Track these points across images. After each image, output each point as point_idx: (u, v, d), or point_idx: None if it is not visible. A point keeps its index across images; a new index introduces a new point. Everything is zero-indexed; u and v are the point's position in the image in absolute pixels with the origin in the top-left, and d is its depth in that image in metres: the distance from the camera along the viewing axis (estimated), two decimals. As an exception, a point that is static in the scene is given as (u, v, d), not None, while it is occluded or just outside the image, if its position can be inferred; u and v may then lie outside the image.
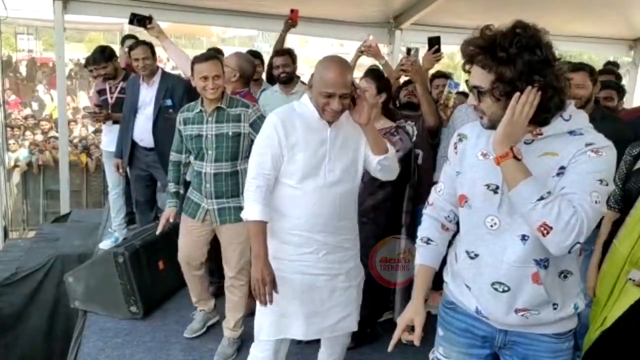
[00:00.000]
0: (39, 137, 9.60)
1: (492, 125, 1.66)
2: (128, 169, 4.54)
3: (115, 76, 4.73)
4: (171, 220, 3.28)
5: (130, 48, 4.30)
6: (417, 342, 1.78)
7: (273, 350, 2.51)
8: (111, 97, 4.77)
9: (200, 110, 3.14)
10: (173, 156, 3.32)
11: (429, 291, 1.98)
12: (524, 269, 1.67)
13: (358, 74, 4.58)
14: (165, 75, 4.35)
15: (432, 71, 4.13)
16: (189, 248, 3.33)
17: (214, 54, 3.26)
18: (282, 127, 2.31)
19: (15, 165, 8.41)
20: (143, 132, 4.22)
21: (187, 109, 3.22)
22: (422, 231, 1.97)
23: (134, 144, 4.34)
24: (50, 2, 5.82)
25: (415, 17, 6.18)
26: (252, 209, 2.32)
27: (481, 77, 1.61)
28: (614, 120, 3.17)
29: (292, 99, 4.36)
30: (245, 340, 3.36)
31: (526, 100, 1.53)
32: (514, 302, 1.71)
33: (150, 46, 4.29)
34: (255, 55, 4.97)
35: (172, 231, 3.48)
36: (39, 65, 16.84)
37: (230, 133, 3.09)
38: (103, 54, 4.67)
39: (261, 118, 3.04)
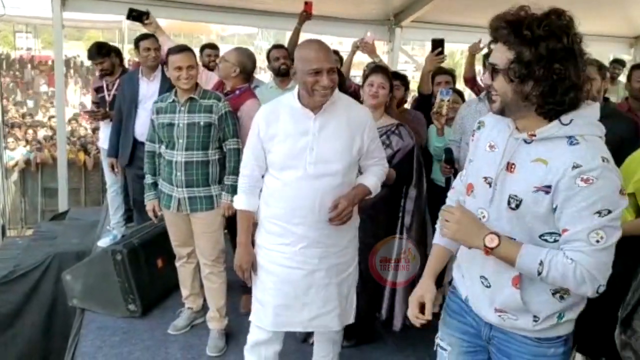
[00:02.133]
0: (41, 134, 9.58)
1: (502, 110, 1.59)
2: (126, 168, 4.51)
3: (112, 72, 4.72)
4: (157, 212, 3.36)
5: (140, 39, 4.29)
6: (429, 317, 1.77)
7: (267, 337, 2.54)
8: (108, 95, 4.75)
9: (174, 100, 3.22)
10: (148, 146, 3.38)
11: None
12: (507, 270, 1.63)
13: (355, 72, 4.57)
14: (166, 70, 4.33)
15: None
16: (178, 238, 3.45)
17: (187, 46, 3.36)
18: (263, 119, 2.38)
19: (15, 165, 8.39)
20: (144, 126, 4.17)
21: (160, 100, 3.33)
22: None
23: (134, 141, 4.30)
24: (49, 0, 5.79)
25: (415, 15, 6.16)
26: (237, 198, 2.48)
27: (500, 55, 1.53)
28: (619, 118, 3.10)
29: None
30: (232, 333, 3.46)
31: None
32: (493, 299, 1.71)
33: (155, 39, 4.29)
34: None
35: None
36: (37, 63, 16.81)
37: (202, 123, 3.18)
38: (99, 50, 4.67)
39: (229, 113, 3.23)
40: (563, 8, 1.50)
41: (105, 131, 4.83)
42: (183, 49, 3.24)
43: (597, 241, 1.48)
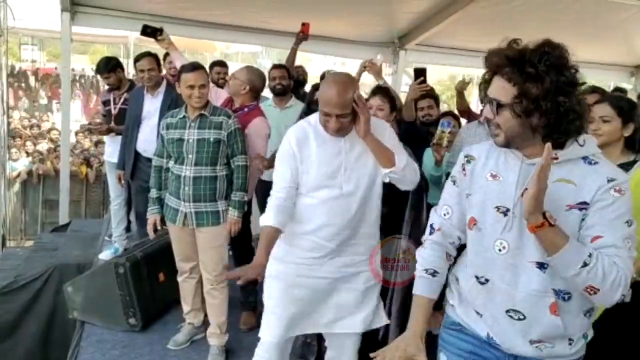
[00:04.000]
0: (44, 146, 9.61)
1: (507, 143, 1.62)
2: (130, 180, 4.55)
3: (119, 87, 4.79)
4: (158, 227, 3.35)
5: (136, 59, 4.38)
6: None
7: (279, 350, 2.54)
8: (114, 108, 4.82)
9: (184, 116, 3.26)
10: (156, 161, 3.41)
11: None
12: (542, 298, 1.62)
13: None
14: (170, 86, 4.39)
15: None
16: (182, 253, 3.46)
17: (200, 65, 3.39)
18: (295, 141, 2.40)
19: (18, 176, 8.41)
20: (147, 142, 4.23)
21: (170, 115, 3.35)
22: (427, 262, 1.87)
23: (137, 155, 4.35)
24: (58, 13, 5.86)
25: (420, 38, 6.22)
26: (267, 216, 2.39)
27: (503, 90, 1.56)
28: None
29: (285, 112, 4.45)
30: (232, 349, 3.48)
31: (547, 164, 1.46)
32: (529, 331, 1.66)
33: (155, 57, 4.37)
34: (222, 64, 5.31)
35: (174, 243, 3.48)
36: (41, 75, 16.90)
37: (211, 139, 3.22)
38: (106, 65, 4.76)
39: (238, 130, 3.26)
40: (565, 34, 1.57)
41: (111, 145, 4.88)
42: (196, 67, 3.27)
43: (630, 249, 1.53)
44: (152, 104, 4.33)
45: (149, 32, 4.10)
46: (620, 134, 2.55)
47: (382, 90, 3.40)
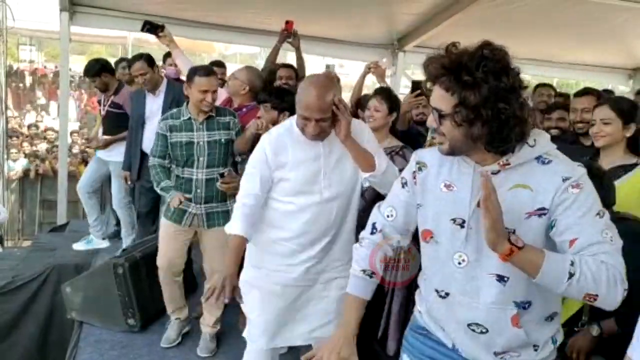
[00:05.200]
0: (43, 146, 9.59)
1: (452, 151, 1.57)
2: (135, 182, 4.57)
3: (106, 89, 4.81)
4: (183, 199, 3.19)
5: (128, 65, 4.35)
6: None
7: (267, 357, 2.54)
8: (103, 110, 4.89)
9: (189, 118, 3.23)
10: (157, 161, 3.31)
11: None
12: (503, 310, 1.58)
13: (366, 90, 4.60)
14: (170, 84, 4.40)
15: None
16: (173, 254, 3.42)
17: (213, 69, 3.39)
18: (270, 147, 2.32)
19: (15, 175, 8.39)
20: (148, 143, 4.23)
21: (171, 117, 3.29)
22: (365, 262, 1.83)
23: (143, 155, 4.35)
24: (57, 13, 5.86)
25: (419, 40, 6.22)
26: (235, 224, 2.30)
27: (443, 100, 1.50)
28: None
29: None
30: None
31: (490, 194, 1.38)
32: (492, 344, 1.63)
33: (148, 58, 4.34)
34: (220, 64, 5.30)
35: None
36: (39, 76, 16.87)
37: (222, 140, 3.24)
38: (91, 70, 4.80)
39: (240, 129, 3.29)
40: (563, 37, 1.52)
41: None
42: (210, 72, 3.26)
43: (611, 239, 1.44)
44: (154, 103, 4.34)
45: (150, 28, 4.04)
46: (622, 135, 2.56)
47: (381, 92, 3.41)
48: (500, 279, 1.56)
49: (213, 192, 3.27)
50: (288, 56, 6.70)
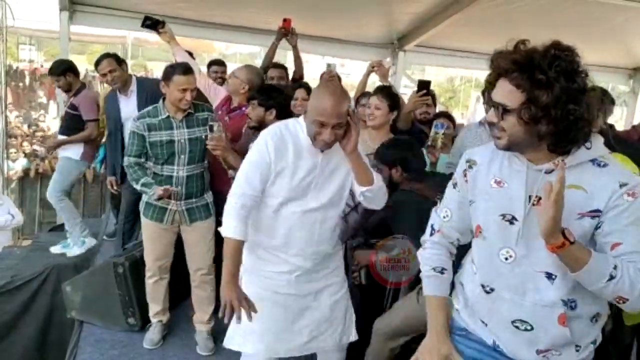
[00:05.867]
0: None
1: (509, 147, 1.57)
2: (121, 185, 4.54)
3: (69, 90, 4.82)
4: (171, 190, 3.20)
5: (96, 64, 4.32)
6: None
7: None
8: (63, 111, 4.94)
9: (168, 116, 3.21)
10: (133, 160, 3.25)
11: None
12: (551, 309, 1.60)
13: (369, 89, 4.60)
14: (140, 82, 4.38)
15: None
16: (160, 252, 3.43)
17: (191, 67, 3.34)
18: (273, 149, 2.27)
19: (15, 174, 8.38)
20: None
21: (147, 115, 3.24)
22: (433, 261, 1.85)
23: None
24: (56, 12, 5.84)
25: (419, 40, 6.22)
26: (231, 226, 2.23)
27: (510, 95, 1.50)
28: (629, 145, 3.16)
29: None
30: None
31: (562, 184, 1.40)
32: (536, 341, 1.64)
33: (115, 57, 4.32)
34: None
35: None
36: (39, 75, 16.86)
37: (203, 137, 3.22)
38: (56, 69, 4.80)
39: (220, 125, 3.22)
40: (563, 36, 1.51)
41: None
42: (189, 70, 3.21)
43: None
44: (128, 105, 4.31)
45: (150, 24, 3.99)
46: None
47: (382, 90, 3.40)
48: (549, 276, 1.59)
49: (193, 189, 3.30)
50: (288, 55, 6.70)
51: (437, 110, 4.41)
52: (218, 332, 3.54)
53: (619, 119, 7.86)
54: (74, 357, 3.42)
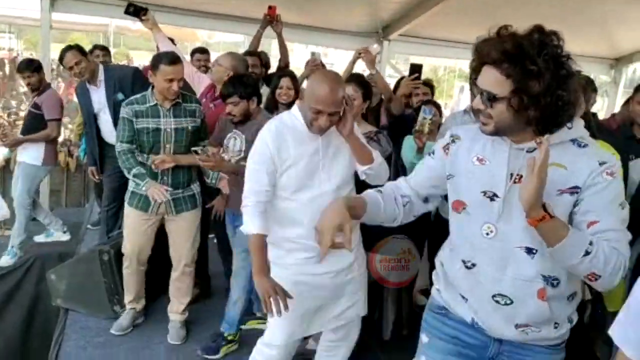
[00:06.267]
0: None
1: (496, 132, 1.59)
2: (101, 175, 4.52)
3: (37, 89, 4.77)
4: (164, 190, 3.16)
5: (60, 59, 4.26)
6: (348, 247, 1.67)
7: (286, 351, 2.56)
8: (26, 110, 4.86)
9: (156, 104, 3.20)
10: (126, 146, 3.24)
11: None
12: (530, 283, 1.62)
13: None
14: (108, 70, 4.33)
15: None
16: (141, 242, 3.43)
17: (179, 56, 3.30)
18: (273, 144, 2.34)
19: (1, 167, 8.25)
20: (109, 135, 4.22)
21: (136, 102, 3.24)
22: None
23: (105, 147, 4.32)
24: (37, 0, 5.77)
25: (403, 29, 6.23)
26: (252, 223, 2.32)
27: (498, 83, 1.51)
28: (610, 133, 3.23)
29: None
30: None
31: (546, 159, 1.42)
32: (515, 316, 1.67)
33: (78, 48, 4.25)
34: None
35: (157, 231, 3.48)
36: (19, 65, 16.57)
37: (189, 127, 3.24)
38: (30, 64, 4.76)
39: (204, 115, 3.30)
40: (547, 26, 1.51)
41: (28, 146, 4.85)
42: (176, 60, 3.18)
43: (624, 231, 1.52)
44: (99, 95, 4.26)
45: (133, 11, 3.97)
46: None
47: (356, 78, 3.40)
48: (529, 251, 1.61)
49: (180, 179, 3.29)
50: (272, 44, 6.69)
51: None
52: (190, 322, 3.63)
53: (600, 109, 7.93)
54: (60, 345, 3.41)
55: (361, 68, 4.81)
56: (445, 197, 1.85)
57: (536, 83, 1.47)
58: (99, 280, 3.65)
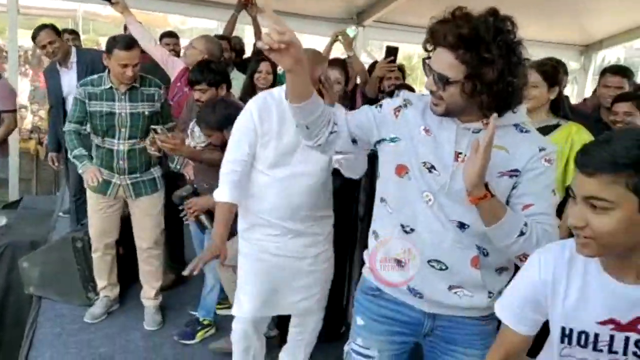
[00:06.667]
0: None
1: (446, 114, 1.61)
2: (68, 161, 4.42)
3: None
4: (99, 176, 3.17)
5: (33, 37, 4.16)
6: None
7: (253, 325, 2.58)
8: None
9: (111, 87, 3.14)
10: (73, 127, 3.22)
11: None
12: (465, 250, 1.67)
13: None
14: (80, 52, 4.27)
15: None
16: (103, 226, 3.39)
17: (135, 42, 3.23)
18: (257, 113, 2.33)
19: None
20: None
21: (91, 83, 3.19)
22: None
23: None
24: (4, -17, 5.63)
25: (378, 15, 6.23)
26: (223, 191, 2.36)
27: (452, 67, 1.52)
28: (584, 116, 3.29)
29: None
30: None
31: (491, 138, 1.46)
32: (449, 280, 1.70)
33: (52, 28, 4.17)
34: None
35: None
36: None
37: (146, 112, 3.18)
38: None
39: (166, 99, 3.26)
40: (518, 12, 1.54)
41: None
42: (132, 45, 3.11)
43: (554, 216, 1.59)
44: (69, 77, 4.20)
45: None
46: (547, 97, 2.70)
47: (339, 63, 3.40)
48: (461, 226, 1.65)
49: (136, 163, 3.25)
50: (246, 30, 6.63)
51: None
52: (166, 308, 3.61)
53: (570, 96, 8.07)
54: (33, 332, 3.37)
55: (338, 51, 4.80)
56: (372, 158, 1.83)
57: (490, 70, 1.48)
58: (73, 268, 3.60)
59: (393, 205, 1.76)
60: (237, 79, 4.01)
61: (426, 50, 1.61)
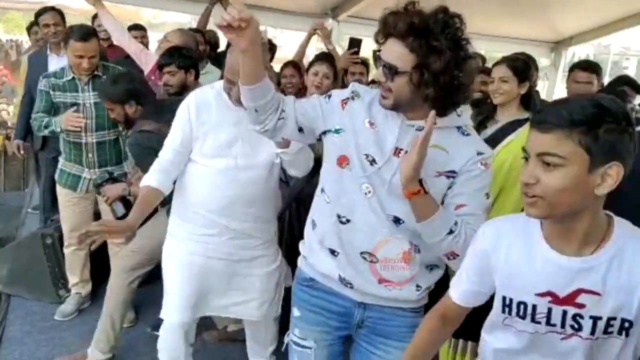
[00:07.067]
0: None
1: (394, 107, 1.63)
2: (39, 152, 4.35)
3: None
4: (80, 122, 3.06)
5: (38, 14, 4.08)
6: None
7: (182, 331, 2.48)
8: None
9: (73, 78, 3.11)
10: (40, 115, 3.13)
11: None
12: (397, 245, 1.71)
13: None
14: None
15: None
16: (74, 222, 3.32)
17: (93, 33, 3.17)
18: (194, 105, 2.32)
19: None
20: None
21: (54, 75, 3.16)
22: None
23: None
24: (-30, -27, 5.48)
25: (353, 10, 6.22)
26: (149, 175, 2.31)
27: (402, 57, 1.54)
28: None
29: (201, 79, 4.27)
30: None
31: (430, 133, 1.49)
32: (379, 273, 1.74)
33: (60, 13, 4.11)
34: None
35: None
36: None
37: None
38: None
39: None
40: (489, 8, 1.59)
41: None
42: (87, 37, 3.05)
43: (485, 219, 1.62)
44: (58, 64, 4.09)
45: None
46: (517, 92, 2.75)
47: (328, 58, 3.38)
48: (397, 220, 1.68)
49: (106, 155, 3.20)
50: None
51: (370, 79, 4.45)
52: (139, 305, 3.55)
53: (540, 92, 8.17)
54: (3, 330, 3.31)
55: (312, 46, 4.79)
56: None
57: (437, 60, 1.51)
58: (43, 264, 3.55)
59: (331, 195, 1.78)
60: (212, 73, 3.97)
61: (377, 42, 1.65)
